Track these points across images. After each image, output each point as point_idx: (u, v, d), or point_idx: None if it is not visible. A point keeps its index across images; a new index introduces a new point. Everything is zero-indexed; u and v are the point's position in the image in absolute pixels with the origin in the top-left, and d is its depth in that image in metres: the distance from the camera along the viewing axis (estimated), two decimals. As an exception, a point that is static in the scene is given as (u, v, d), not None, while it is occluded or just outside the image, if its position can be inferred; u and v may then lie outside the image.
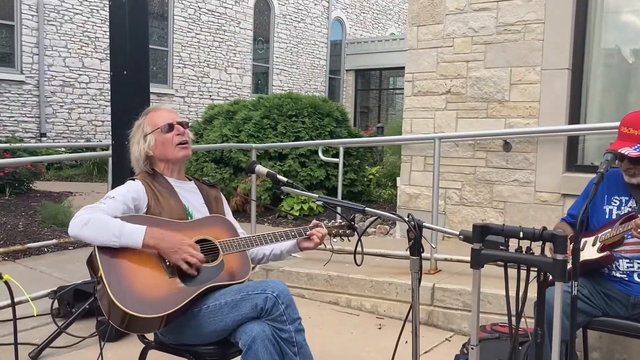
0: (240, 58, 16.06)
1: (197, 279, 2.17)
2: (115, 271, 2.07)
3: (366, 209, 2.01)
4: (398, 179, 6.09)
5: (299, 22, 17.96)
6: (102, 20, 12.89)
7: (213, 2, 15.12)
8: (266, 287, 2.15)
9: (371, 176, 8.87)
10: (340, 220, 2.57)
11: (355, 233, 2.48)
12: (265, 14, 17.00)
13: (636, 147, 2.52)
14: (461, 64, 5.35)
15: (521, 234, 1.44)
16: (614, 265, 2.60)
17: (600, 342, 3.27)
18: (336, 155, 5.81)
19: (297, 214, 6.83)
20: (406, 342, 2.55)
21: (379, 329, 3.92)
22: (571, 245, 1.77)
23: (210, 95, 15.18)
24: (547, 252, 1.52)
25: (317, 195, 2.11)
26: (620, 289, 2.59)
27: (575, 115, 4.90)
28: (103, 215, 2.13)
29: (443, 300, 3.95)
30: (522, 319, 1.75)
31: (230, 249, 2.30)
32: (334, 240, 2.62)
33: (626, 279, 2.58)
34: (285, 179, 2.20)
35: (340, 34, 20.02)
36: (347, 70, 19.98)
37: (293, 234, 2.45)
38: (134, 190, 2.32)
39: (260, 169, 2.27)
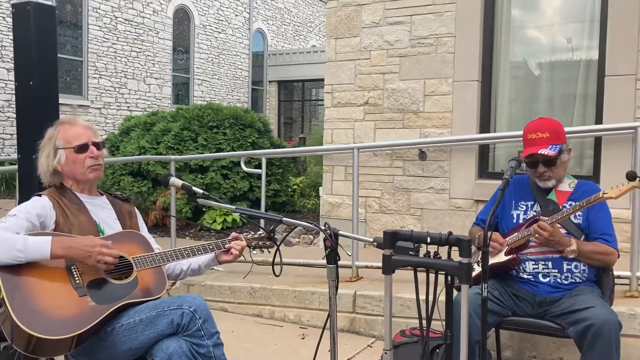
0: (160, 68, 15.70)
1: (109, 296, 2.09)
2: (19, 292, 1.95)
3: (283, 219, 2.02)
4: (320, 188, 6.16)
5: (220, 32, 17.81)
6: (8, 27, 12.20)
7: (130, 12, 14.71)
8: (182, 302, 2.11)
9: (295, 186, 8.90)
10: (260, 232, 2.57)
11: (275, 244, 2.48)
12: (185, 24, 16.74)
13: (550, 147, 2.67)
14: (378, 76, 5.50)
15: (429, 239, 1.50)
16: (521, 267, 2.74)
17: (511, 340, 3.44)
18: (259, 166, 5.79)
19: (219, 227, 6.73)
20: (329, 351, 2.57)
21: (302, 339, 3.92)
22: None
23: (128, 107, 14.71)
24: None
25: (234, 207, 2.09)
26: (528, 289, 2.74)
27: (485, 124, 5.15)
28: (3, 232, 2.01)
29: (364, 307, 4.01)
30: (441, 322, 1.81)
31: (144, 264, 2.24)
32: (254, 252, 2.60)
33: (532, 279, 2.73)
34: (201, 191, 2.17)
35: (262, 46, 20.04)
36: (270, 82, 20.01)
37: (211, 247, 2.42)
38: (39, 207, 2.20)
39: (175, 181, 2.22)
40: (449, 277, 1.51)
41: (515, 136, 4.43)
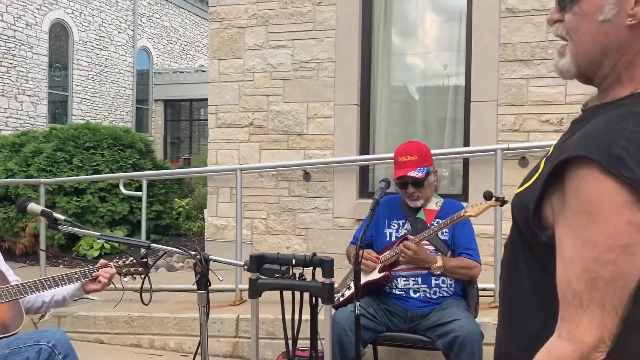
0: (34, 85, 14.70)
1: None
2: None
3: (152, 245, 1.95)
4: (205, 210, 6.04)
5: (102, 49, 17.07)
6: None
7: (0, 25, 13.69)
8: (40, 338, 1.96)
9: (181, 208, 8.66)
10: (132, 258, 2.46)
11: (144, 270, 2.38)
12: (63, 40, 15.85)
13: (418, 169, 2.83)
14: (262, 97, 5.54)
15: (294, 261, 1.52)
16: (393, 284, 2.86)
17: (389, 355, 3.55)
18: (140, 189, 5.57)
19: (97, 253, 6.36)
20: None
21: (183, 367, 3.79)
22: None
23: (-4, 125, 13.60)
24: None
25: (99, 234, 1.99)
26: (400, 305, 2.85)
27: (365, 146, 5.35)
28: None
29: (247, 331, 3.96)
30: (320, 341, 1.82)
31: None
32: (125, 279, 2.49)
33: (404, 295, 2.85)
34: (63, 217, 2.04)
35: (147, 63, 19.44)
36: (155, 100, 19.43)
37: (76, 276, 2.28)
38: None
39: (33, 207, 2.07)
40: (314, 298, 1.54)
41: (392, 158, 4.63)
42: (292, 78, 5.43)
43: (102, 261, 2.39)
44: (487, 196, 2.52)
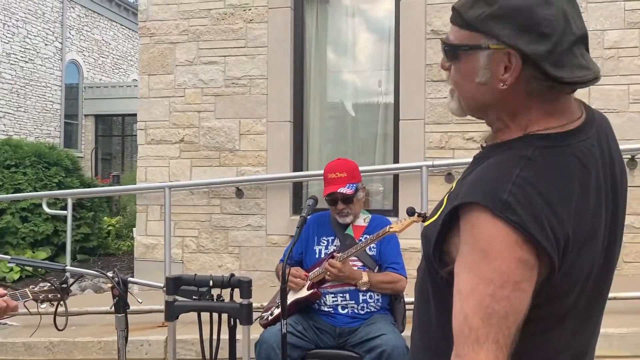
0: (-49, 98, 13.93)
1: None
2: None
3: (67, 267, 1.88)
4: (134, 229, 5.87)
5: (27, 62, 16.37)
6: None
7: None
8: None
9: (110, 227, 8.38)
10: (49, 284, 2.34)
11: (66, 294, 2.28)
12: (-16, 51, 15.12)
13: (348, 186, 2.87)
14: (193, 113, 5.47)
15: (211, 282, 1.50)
16: (322, 301, 2.87)
17: (320, 372, 3.54)
18: (66, 208, 5.35)
19: (17, 276, 6.04)
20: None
21: (108, 393, 3.64)
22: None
23: None
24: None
25: (9, 257, 1.89)
26: (328, 321, 2.86)
27: (298, 163, 5.37)
28: None
29: (177, 352, 3.85)
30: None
31: None
32: (42, 306, 2.36)
33: (332, 312, 2.86)
34: (-31, 241, 1.92)
35: (76, 77, 18.79)
36: (85, 115, 18.78)
37: None
38: None
39: (-63, 230, 1.95)
40: (232, 319, 1.52)
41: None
42: (224, 94, 5.40)
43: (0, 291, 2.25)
44: (410, 212, 2.58)
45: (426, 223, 1.14)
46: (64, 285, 2.35)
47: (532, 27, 0.95)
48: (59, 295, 2.37)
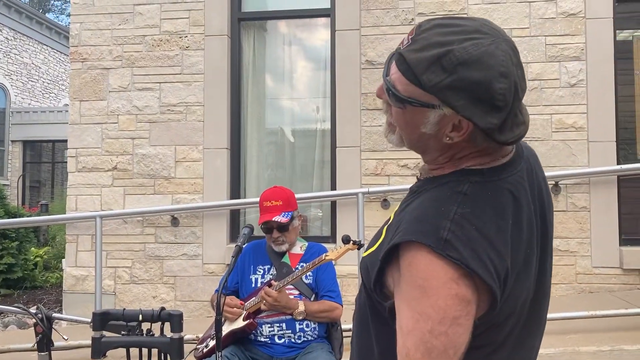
0: None
1: None
2: None
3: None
4: (64, 260, 5.61)
5: (-51, 85, 15.58)
6: None
7: None
8: None
9: (38, 258, 7.98)
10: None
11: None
12: None
13: (283, 214, 2.86)
14: (127, 140, 5.34)
15: (141, 317, 1.45)
16: (258, 331, 2.82)
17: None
18: (-13, 239, 5.07)
19: None
20: None
21: None
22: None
23: None
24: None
25: None
26: (265, 352, 2.82)
27: (235, 190, 5.33)
28: None
29: (107, 390, 3.69)
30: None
31: None
32: None
33: (269, 342, 2.82)
34: None
35: (3, 102, 17.99)
36: (12, 141, 17.97)
37: None
38: None
39: None
40: (162, 354, 1.48)
41: (261, 201, 4.66)
42: (160, 121, 5.31)
43: None
44: (345, 240, 2.60)
45: (365, 253, 1.15)
46: None
47: (487, 100, 0.96)
48: None
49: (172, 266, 5.20)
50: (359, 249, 2.67)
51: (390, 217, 1.15)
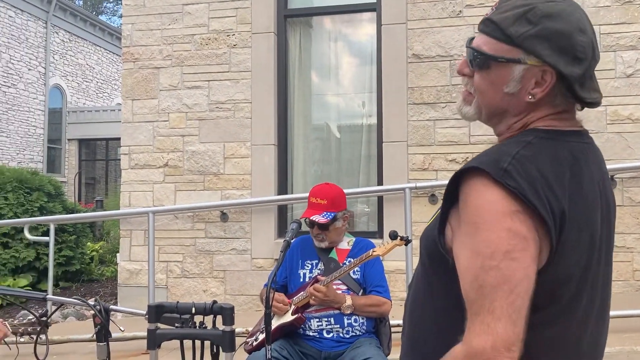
0: None
1: None
2: None
3: (47, 296, 1.86)
4: (118, 255, 5.81)
5: (10, 87, 16.28)
6: None
7: None
8: None
9: (94, 253, 8.29)
10: (30, 317, 2.32)
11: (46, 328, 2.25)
12: (-34, 76, 15.04)
13: (324, 214, 2.87)
14: (177, 138, 5.47)
15: (194, 310, 1.50)
16: (306, 325, 2.85)
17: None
18: (48, 233, 5.29)
19: (-2, 303, 5.93)
20: None
21: None
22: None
23: None
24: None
25: (-12, 286, 1.87)
26: (314, 346, 2.84)
27: (283, 186, 5.38)
28: None
29: (161, 380, 3.80)
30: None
31: None
32: (21, 339, 2.32)
33: (317, 336, 2.85)
34: (-52, 270, 1.90)
35: (60, 102, 18.71)
36: (69, 140, 18.67)
37: None
38: None
39: None
40: (214, 346, 1.51)
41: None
42: (209, 118, 5.41)
43: None
44: (392, 236, 2.59)
45: (427, 225, 1.17)
46: (43, 318, 2.31)
47: (570, 50, 1.03)
48: (38, 329, 2.33)
49: (222, 261, 5.30)
50: (406, 244, 2.66)
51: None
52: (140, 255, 5.46)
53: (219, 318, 1.56)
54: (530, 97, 1.06)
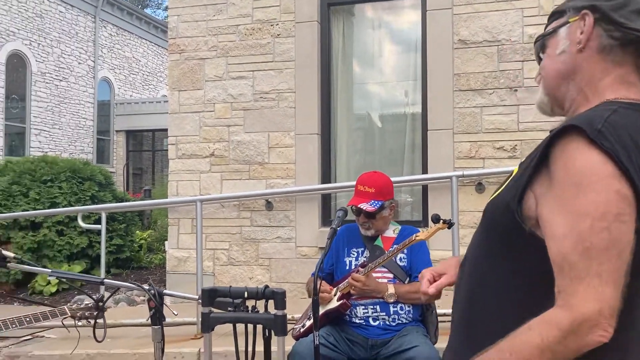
0: (-10, 117, 14.38)
1: None
2: None
3: (105, 280, 1.92)
4: (167, 242, 5.96)
5: (61, 80, 16.83)
6: None
7: (-46, 55, 13.40)
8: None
9: (142, 241, 8.52)
10: (88, 302, 2.42)
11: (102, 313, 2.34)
12: (21, 71, 15.58)
13: (372, 202, 2.86)
14: (223, 128, 5.55)
15: (246, 294, 1.52)
16: (352, 312, 2.86)
17: (352, 384, 3.53)
18: (99, 221, 5.46)
19: (54, 289, 6.18)
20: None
21: (143, 405, 3.69)
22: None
23: (-51, 159, 13.21)
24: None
25: (49, 270, 1.95)
26: (360, 333, 2.85)
27: (326, 175, 5.40)
28: None
29: (210, 365, 3.89)
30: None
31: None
32: (79, 323, 2.42)
33: (364, 323, 2.85)
34: (12, 255, 2.00)
35: (108, 94, 19.24)
36: (117, 131, 19.19)
37: (27, 319, 2.22)
38: None
39: (-18, 245, 2.02)
40: (266, 330, 1.54)
41: (353, 186, 4.68)
42: (253, 108, 5.47)
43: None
44: (435, 219, 2.56)
45: (493, 197, 1.15)
46: (100, 303, 2.40)
47: None
48: (95, 313, 2.43)
49: (267, 249, 5.37)
50: (449, 228, 2.62)
51: (514, 170, 1.15)
52: (188, 243, 5.58)
53: (270, 303, 1.58)
54: (578, 44, 1.11)
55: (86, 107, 17.92)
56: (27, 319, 2.22)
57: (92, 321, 2.40)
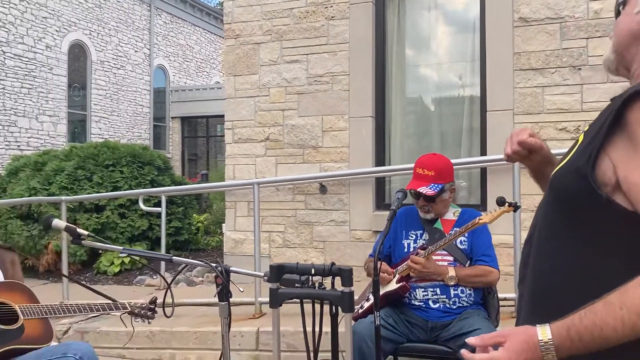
0: (54, 105, 14.98)
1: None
2: None
3: (173, 258, 1.98)
4: (224, 225, 6.08)
5: (119, 68, 17.35)
6: None
7: (20, 47, 13.99)
8: (67, 350, 2.01)
9: (199, 224, 8.73)
10: (142, 302, 2.53)
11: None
12: (82, 60, 16.14)
13: (431, 186, 2.82)
14: (277, 112, 5.59)
15: (313, 271, 1.54)
16: (412, 295, 2.85)
17: (410, 366, 3.53)
18: (159, 204, 5.63)
19: (117, 269, 6.43)
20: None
21: (205, 381, 3.81)
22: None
23: (18, 146, 13.86)
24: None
25: (121, 248, 2.03)
26: (420, 315, 2.84)
27: (380, 158, 5.36)
28: None
29: (268, 344, 3.97)
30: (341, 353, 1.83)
31: (32, 314, 2.14)
32: (136, 320, 2.52)
33: (424, 306, 2.84)
34: (86, 233, 2.08)
35: (163, 81, 19.70)
36: (172, 118, 19.65)
37: (103, 307, 2.33)
38: None
39: (58, 223, 2.12)
40: (333, 307, 1.55)
41: (408, 169, 4.64)
42: (307, 92, 5.48)
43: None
44: (500, 202, 2.49)
45: (559, 167, 1.15)
46: (153, 307, 2.49)
47: None
48: (149, 314, 2.52)
49: (322, 232, 5.40)
50: (514, 211, 2.56)
51: (578, 138, 1.14)
52: (244, 225, 5.68)
53: (337, 281, 1.59)
54: None
55: (142, 94, 18.42)
56: (92, 307, 2.33)
57: (147, 320, 2.50)
